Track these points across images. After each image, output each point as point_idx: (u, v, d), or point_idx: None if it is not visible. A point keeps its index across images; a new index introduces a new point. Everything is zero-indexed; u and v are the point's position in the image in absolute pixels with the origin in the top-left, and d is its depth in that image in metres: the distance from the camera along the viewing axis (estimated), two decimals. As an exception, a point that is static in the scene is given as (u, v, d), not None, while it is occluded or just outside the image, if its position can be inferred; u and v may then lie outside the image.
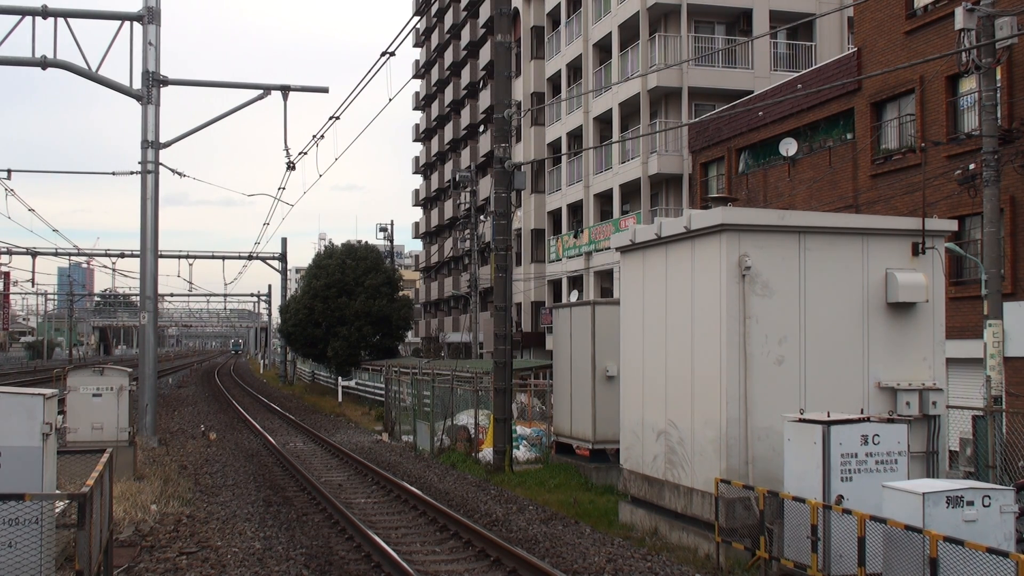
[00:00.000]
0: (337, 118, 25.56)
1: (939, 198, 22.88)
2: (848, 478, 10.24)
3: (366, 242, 55.79)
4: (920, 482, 9.56)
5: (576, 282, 46.72)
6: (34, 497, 7.64)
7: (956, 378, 20.22)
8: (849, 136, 28.08)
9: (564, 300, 43.43)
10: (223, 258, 62.08)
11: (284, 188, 60.18)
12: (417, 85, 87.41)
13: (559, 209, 50.00)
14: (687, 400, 13.00)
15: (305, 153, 27.81)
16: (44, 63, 24.21)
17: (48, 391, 9.16)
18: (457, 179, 52.87)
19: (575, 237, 46.73)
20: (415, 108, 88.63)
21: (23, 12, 23.77)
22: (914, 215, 17.23)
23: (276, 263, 65.94)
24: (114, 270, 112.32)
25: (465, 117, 69.18)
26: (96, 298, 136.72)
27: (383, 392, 34.61)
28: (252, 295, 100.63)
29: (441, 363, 37.60)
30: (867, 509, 9.55)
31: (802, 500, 10.22)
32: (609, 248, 35.22)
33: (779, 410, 11.76)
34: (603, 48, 45.25)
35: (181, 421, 34.11)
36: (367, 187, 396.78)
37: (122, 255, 59.17)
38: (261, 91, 26.50)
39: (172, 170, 28.63)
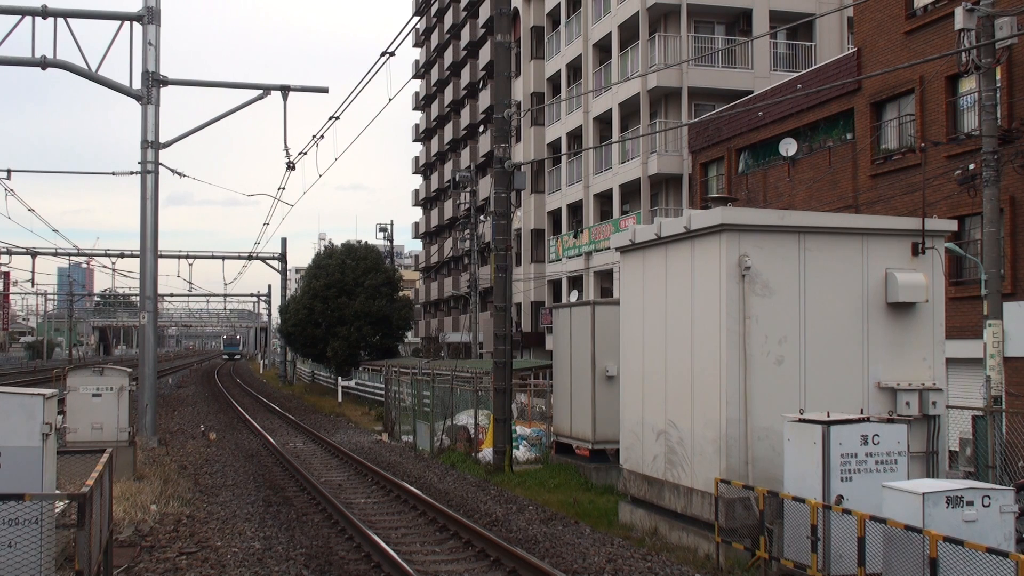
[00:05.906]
0: (337, 118, 25.57)
1: (939, 198, 22.88)
2: (848, 478, 10.24)
3: (366, 242, 55.83)
4: (920, 482, 9.56)
5: (576, 282, 46.71)
6: (34, 497, 7.64)
7: (956, 378, 20.20)
8: (849, 136, 28.07)
9: (564, 300, 43.41)
10: (223, 258, 62.06)
11: (284, 188, 60.18)
12: (417, 85, 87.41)
13: (559, 209, 49.99)
14: (687, 400, 13.00)
15: (305, 153, 27.82)
16: (44, 63, 24.19)
17: (48, 391, 9.15)
18: (457, 179, 52.84)
19: (575, 237, 46.71)
20: (415, 108, 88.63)
21: (23, 12, 23.74)
22: (914, 215, 17.23)
23: (276, 263, 65.95)
24: (114, 270, 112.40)
25: (465, 117, 69.17)
26: (96, 298, 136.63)
27: (383, 392, 34.61)
28: (252, 295, 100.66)
29: (441, 363, 37.59)
30: (867, 509, 9.55)
31: (802, 500, 10.22)
32: (609, 248, 35.22)
33: (779, 410, 11.76)
34: (603, 48, 45.24)
35: (181, 421, 34.11)
36: (368, 187, 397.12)
37: (122, 255, 59.16)
38: (261, 91, 26.47)
39: (172, 170, 28.63)
